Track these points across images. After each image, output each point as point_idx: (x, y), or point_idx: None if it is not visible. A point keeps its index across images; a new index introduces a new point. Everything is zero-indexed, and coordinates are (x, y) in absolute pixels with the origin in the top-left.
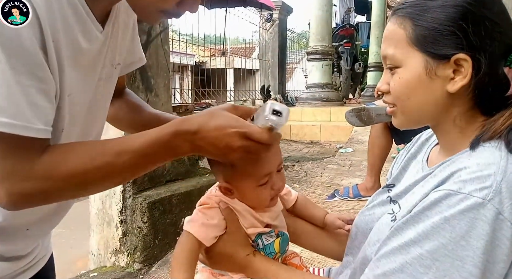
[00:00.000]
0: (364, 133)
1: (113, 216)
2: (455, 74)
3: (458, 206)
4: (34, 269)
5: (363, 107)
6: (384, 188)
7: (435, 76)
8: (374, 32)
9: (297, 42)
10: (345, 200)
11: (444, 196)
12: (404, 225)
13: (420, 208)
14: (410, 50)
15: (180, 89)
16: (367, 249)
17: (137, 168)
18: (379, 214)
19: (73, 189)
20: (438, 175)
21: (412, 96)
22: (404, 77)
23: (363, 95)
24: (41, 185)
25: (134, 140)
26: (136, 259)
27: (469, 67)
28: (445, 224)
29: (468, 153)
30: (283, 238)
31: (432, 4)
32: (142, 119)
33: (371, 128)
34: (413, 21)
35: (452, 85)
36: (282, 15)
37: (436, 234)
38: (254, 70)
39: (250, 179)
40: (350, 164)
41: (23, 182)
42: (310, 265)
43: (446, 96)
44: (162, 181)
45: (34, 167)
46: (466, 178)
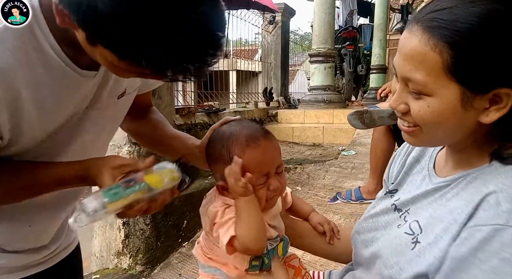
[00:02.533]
0: (367, 136)
1: (116, 218)
2: (492, 104)
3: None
4: (57, 258)
5: (366, 110)
6: (387, 194)
7: (471, 108)
8: (377, 34)
9: (300, 44)
10: (347, 202)
11: (492, 232)
12: (452, 273)
13: (466, 250)
14: (445, 80)
15: (182, 92)
16: (383, 271)
17: (38, 195)
18: (383, 222)
19: None
20: (461, 194)
21: (441, 125)
22: (436, 107)
23: (366, 97)
24: None
25: (43, 176)
26: (139, 261)
27: (510, 100)
28: (505, 264)
29: (493, 170)
30: (285, 241)
31: (472, 30)
32: (160, 139)
33: (374, 131)
34: (451, 47)
35: (485, 116)
36: (285, 18)
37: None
38: (256, 72)
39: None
40: (352, 167)
41: None
42: (312, 268)
43: (476, 123)
44: None
45: None
46: (509, 206)
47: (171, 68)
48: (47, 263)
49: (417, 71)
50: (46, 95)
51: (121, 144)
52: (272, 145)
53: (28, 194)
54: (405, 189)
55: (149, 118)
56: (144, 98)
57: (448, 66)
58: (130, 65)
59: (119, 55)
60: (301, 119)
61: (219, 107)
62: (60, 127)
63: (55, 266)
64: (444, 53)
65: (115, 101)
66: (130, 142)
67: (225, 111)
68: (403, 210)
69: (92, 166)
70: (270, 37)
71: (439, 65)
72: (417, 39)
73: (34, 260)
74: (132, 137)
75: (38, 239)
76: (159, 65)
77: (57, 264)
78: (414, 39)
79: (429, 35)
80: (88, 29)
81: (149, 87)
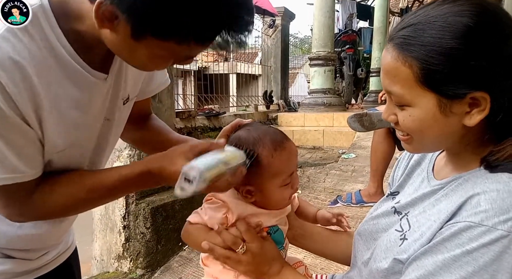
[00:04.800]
0: (367, 138)
1: (116, 222)
2: (472, 107)
3: (481, 239)
4: (57, 261)
5: (365, 113)
6: (388, 196)
7: (451, 113)
8: (377, 37)
9: (300, 48)
10: (347, 206)
11: (464, 228)
12: (422, 256)
13: (439, 239)
14: (419, 90)
15: (183, 95)
16: (372, 264)
17: (108, 199)
18: (383, 225)
19: (57, 216)
20: (451, 195)
21: (427, 132)
22: (417, 116)
23: (366, 100)
24: (32, 218)
25: (108, 177)
26: (139, 265)
27: (487, 103)
28: (467, 257)
29: (483, 173)
30: (274, 236)
31: (436, 43)
32: (164, 145)
33: (374, 134)
34: (419, 61)
35: (469, 120)
36: (284, 21)
37: (457, 268)
38: (256, 75)
39: (277, 179)
40: (352, 170)
41: (18, 216)
42: (313, 272)
43: (462, 127)
44: (165, 187)
45: (25, 207)
46: (487, 207)
47: (212, 35)
48: (47, 266)
49: (394, 84)
50: (61, 95)
51: (122, 148)
52: (293, 146)
53: (94, 199)
54: (405, 191)
55: (151, 126)
56: (144, 106)
57: (419, 77)
58: (176, 45)
59: (166, 36)
60: (301, 122)
61: (219, 110)
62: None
63: (56, 269)
64: (414, 67)
65: (122, 106)
66: (130, 146)
67: (225, 114)
68: (403, 213)
69: (160, 158)
70: (270, 40)
71: (410, 77)
72: (389, 56)
73: (37, 265)
74: (138, 147)
75: (45, 244)
76: (202, 33)
77: (57, 267)
78: (387, 56)
79: (398, 52)
80: (137, 19)
81: (147, 95)
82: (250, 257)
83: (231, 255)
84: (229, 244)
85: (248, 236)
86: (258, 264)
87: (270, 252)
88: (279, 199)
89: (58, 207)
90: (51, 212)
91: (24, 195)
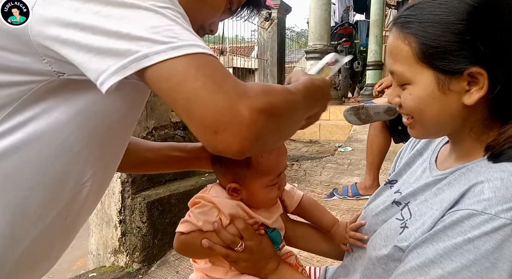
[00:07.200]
0: (363, 132)
1: (112, 216)
2: (471, 85)
3: (484, 227)
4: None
5: (362, 106)
6: (386, 184)
7: (449, 91)
8: (373, 30)
9: (296, 41)
10: (344, 199)
11: (466, 215)
12: (422, 244)
13: (440, 226)
14: (418, 67)
15: None
16: (372, 252)
17: (308, 105)
18: (384, 218)
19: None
20: (454, 184)
21: (427, 111)
22: (416, 94)
23: (362, 94)
24: (280, 98)
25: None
26: (135, 259)
27: (485, 79)
28: (468, 245)
29: (487, 162)
30: (270, 234)
31: (434, 19)
32: (158, 154)
33: (370, 127)
34: (417, 38)
35: (468, 98)
36: (280, 14)
37: (458, 255)
38: (253, 69)
39: (264, 179)
40: (349, 163)
41: (265, 96)
42: (309, 264)
43: (463, 107)
44: (161, 181)
45: (253, 86)
46: (490, 195)
47: None
48: None
49: (395, 63)
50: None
51: None
52: (283, 147)
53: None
54: (405, 179)
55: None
56: None
57: (417, 54)
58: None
59: None
60: None
61: None
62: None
63: None
64: (412, 43)
65: None
66: None
67: None
68: (403, 203)
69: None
70: (266, 34)
71: (410, 54)
72: (392, 36)
73: None
74: (135, 171)
75: (42, 268)
76: None
77: None
78: (391, 37)
79: (400, 30)
80: None
81: None
82: (249, 254)
83: (230, 253)
84: (228, 243)
85: (247, 234)
86: (256, 261)
87: (267, 249)
88: (265, 198)
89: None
90: (281, 91)
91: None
